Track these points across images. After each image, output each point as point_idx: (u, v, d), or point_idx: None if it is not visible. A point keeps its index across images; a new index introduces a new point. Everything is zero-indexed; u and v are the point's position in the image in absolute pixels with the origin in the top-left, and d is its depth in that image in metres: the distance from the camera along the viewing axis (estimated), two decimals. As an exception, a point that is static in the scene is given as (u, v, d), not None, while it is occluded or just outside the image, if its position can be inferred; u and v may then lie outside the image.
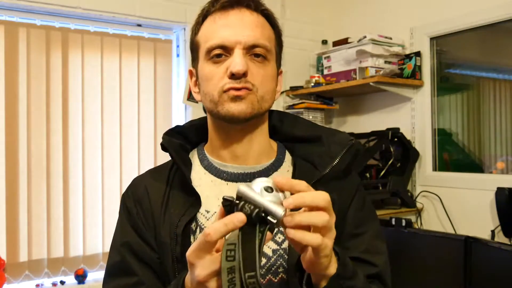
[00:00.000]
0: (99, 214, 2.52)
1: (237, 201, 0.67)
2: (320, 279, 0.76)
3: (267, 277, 0.88)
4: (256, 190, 0.67)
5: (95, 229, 2.51)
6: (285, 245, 0.89)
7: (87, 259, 2.48)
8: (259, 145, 0.95)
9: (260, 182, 0.68)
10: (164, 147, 0.96)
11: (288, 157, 1.00)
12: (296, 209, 0.68)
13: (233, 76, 0.86)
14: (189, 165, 0.97)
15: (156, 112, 2.72)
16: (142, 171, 1.07)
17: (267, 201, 0.66)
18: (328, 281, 0.76)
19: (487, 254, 1.84)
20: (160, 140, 0.99)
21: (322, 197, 0.69)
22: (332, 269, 0.76)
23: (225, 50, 0.88)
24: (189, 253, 0.70)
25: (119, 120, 2.60)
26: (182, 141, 1.00)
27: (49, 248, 2.39)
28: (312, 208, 0.69)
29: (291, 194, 0.69)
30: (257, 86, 0.88)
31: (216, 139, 0.96)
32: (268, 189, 0.67)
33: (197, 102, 2.73)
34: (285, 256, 0.88)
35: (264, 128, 0.97)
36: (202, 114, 1.03)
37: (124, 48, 2.62)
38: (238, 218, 0.65)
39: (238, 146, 0.94)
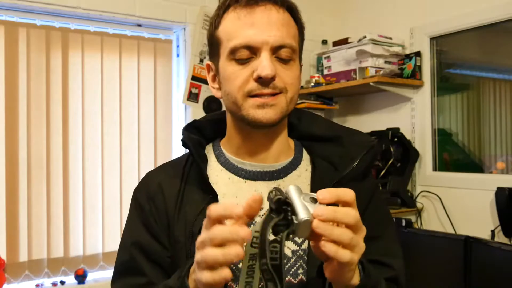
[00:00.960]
0: (99, 214, 2.52)
1: (278, 194, 0.66)
2: None
3: (287, 279, 0.86)
4: (302, 197, 0.66)
5: (95, 229, 2.51)
6: (305, 246, 0.88)
7: (87, 259, 2.48)
8: (279, 144, 0.93)
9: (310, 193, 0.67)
10: (184, 143, 0.95)
11: (306, 156, 0.98)
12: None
13: (260, 80, 0.83)
14: (205, 161, 0.94)
15: (156, 112, 2.72)
16: (142, 171, 1.07)
17: (300, 203, 0.65)
18: None
19: (487, 254, 1.84)
20: (160, 140, 0.99)
21: (352, 214, 0.67)
22: (356, 279, 0.74)
23: (251, 51, 0.84)
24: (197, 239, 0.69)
25: (119, 120, 2.60)
26: (199, 136, 0.97)
27: (49, 248, 2.39)
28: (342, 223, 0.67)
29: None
30: (287, 88, 0.86)
31: (235, 137, 0.93)
32: (313, 200, 0.66)
33: (197, 102, 2.73)
34: (305, 257, 0.87)
35: (285, 127, 0.95)
36: (202, 114, 1.02)
37: (124, 48, 2.62)
38: (237, 210, 0.64)
39: (259, 146, 0.92)
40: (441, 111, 2.68)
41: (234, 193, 0.90)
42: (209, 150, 0.98)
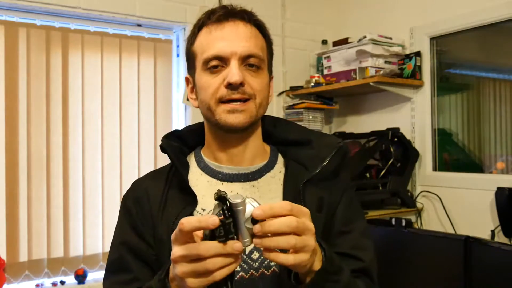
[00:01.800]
0: (99, 214, 2.52)
1: (224, 207, 0.72)
2: (306, 274, 0.80)
3: (260, 271, 0.93)
4: (247, 211, 0.72)
5: (95, 229, 2.51)
6: None
7: (87, 259, 2.48)
8: (254, 148, 1.01)
9: (252, 207, 0.72)
10: (163, 149, 1.02)
11: (280, 159, 1.06)
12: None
13: (230, 86, 0.92)
14: (186, 167, 1.02)
15: (156, 112, 2.72)
16: (142, 171, 1.11)
17: (244, 227, 0.72)
18: (314, 275, 0.79)
19: (487, 254, 1.84)
20: (160, 139, 1.04)
21: (287, 222, 0.72)
22: (317, 264, 0.79)
23: (222, 61, 0.93)
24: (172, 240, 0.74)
25: (119, 120, 2.60)
26: (180, 144, 1.06)
27: (49, 248, 2.39)
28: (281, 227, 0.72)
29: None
30: (255, 94, 0.94)
31: (212, 143, 1.02)
32: (253, 221, 0.72)
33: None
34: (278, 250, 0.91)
35: (258, 132, 1.03)
36: (202, 115, 1.04)
37: (124, 48, 2.62)
38: (212, 221, 0.69)
39: (234, 150, 1.00)
40: (441, 111, 2.68)
41: (212, 194, 0.95)
42: (191, 157, 1.06)
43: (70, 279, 2.44)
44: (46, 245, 2.38)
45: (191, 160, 1.05)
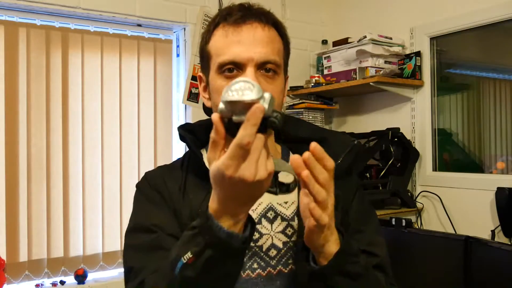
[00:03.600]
0: (99, 214, 2.52)
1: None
2: (324, 258, 0.81)
3: (278, 268, 0.93)
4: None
5: (95, 229, 2.51)
6: (295, 237, 0.95)
7: (87, 259, 2.48)
8: (273, 147, 1.01)
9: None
10: (182, 138, 1.02)
11: (290, 156, 1.03)
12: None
13: None
14: (202, 157, 0.99)
15: (156, 112, 2.72)
16: (142, 171, 1.10)
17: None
18: (333, 256, 0.81)
19: (487, 254, 1.84)
20: (160, 140, 1.04)
21: (326, 175, 0.76)
22: (333, 247, 0.81)
23: (237, 66, 0.91)
24: (221, 169, 0.69)
25: (119, 120, 2.60)
26: (193, 137, 1.04)
27: (49, 248, 2.39)
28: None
29: None
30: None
31: (227, 143, 0.97)
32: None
33: (197, 102, 2.73)
34: (295, 248, 0.94)
35: (270, 134, 0.99)
36: (202, 114, 1.05)
37: (124, 48, 2.62)
38: (259, 109, 0.67)
39: None
40: (441, 111, 2.68)
41: None
42: (202, 153, 1.04)
43: (70, 279, 2.44)
44: (46, 245, 2.38)
45: (203, 156, 1.03)
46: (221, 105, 0.69)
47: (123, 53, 2.62)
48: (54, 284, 2.39)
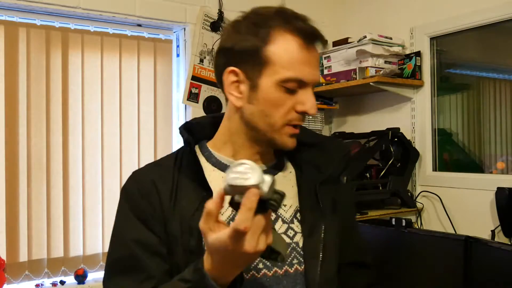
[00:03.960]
0: (99, 214, 2.52)
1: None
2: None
3: (284, 268, 0.95)
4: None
5: (95, 229, 2.51)
6: (296, 239, 0.98)
7: (87, 259, 2.48)
8: (270, 150, 1.04)
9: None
10: (187, 142, 1.00)
11: (287, 160, 1.08)
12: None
13: (303, 114, 0.94)
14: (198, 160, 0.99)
15: (156, 112, 2.72)
16: None
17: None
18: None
19: (487, 254, 1.84)
20: (160, 140, 1.06)
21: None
22: None
23: (299, 84, 0.92)
24: (222, 244, 0.74)
25: (119, 120, 2.60)
26: (189, 137, 1.01)
27: (49, 248, 2.39)
28: None
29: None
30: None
31: (242, 145, 0.99)
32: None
33: (197, 102, 2.73)
34: (298, 249, 0.97)
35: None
36: (202, 114, 1.05)
37: (124, 48, 2.62)
38: (254, 194, 0.72)
39: (256, 153, 1.00)
40: (441, 111, 2.68)
41: None
42: (197, 150, 1.03)
43: (70, 279, 2.44)
44: (46, 245, 2.38)
45: (199, 154, 1.02)
46: (226, 186, 0.75)
47: (123, 53, 2.62)
48: (54, 284, 2.39)
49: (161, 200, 0.94)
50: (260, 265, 0.93)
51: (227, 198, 0.77)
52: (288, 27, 0.91)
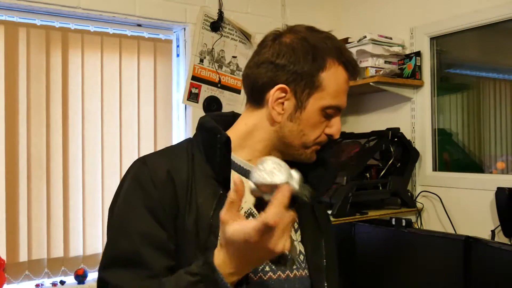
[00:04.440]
0: (99, 214, 2.52)
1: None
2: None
3: (286, 272, 0.98)
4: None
5: (95, 229, 2.51)
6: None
7: (87, 259, 2.48)
8: None
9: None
10: (214, 134, 0.98)
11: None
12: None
13: (330, 137, 1.01)
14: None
15: (156, 112, 2.72)
16: None
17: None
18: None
19: (487, 254, 1.84)
20: (160, 140, 1.06)
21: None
22: None
23: (336, 111, 1.00)
24: (246, 236, 0.74)
25: (119, 120, 2.60)
26: (221, 131, 0.98)
27: (49, 248, 2.39)
28: None
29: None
30: None
31: (258, 149, 1.01)
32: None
33: (197, 102, 2.73)
34: (300, 255, 1.02)
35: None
36: (203, 114, 1.05)
37: (124, 48, 2.62)
38: (287, 189, 0.75)
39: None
40: (441, 111, 2.68)
41: (246, 192, 0.94)
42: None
43: (70, 279, 2.44)
44: (46, 245, 2.38)
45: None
46: (252, 186, 0.75)
47: (123, 53, 2.62)
48: (54, 284, 2.39)
49: (177, 193, 0.91)
50: (267, 268, 0.95)
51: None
52: (341, 60, 1.00)
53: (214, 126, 0.97)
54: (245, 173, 0.97)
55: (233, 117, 1.08)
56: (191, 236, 0.89)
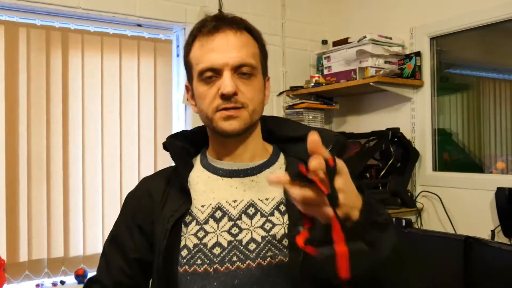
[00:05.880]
0: (99, 214, 2.52)
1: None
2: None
3: (257, 261, 0.95)
4: None
5: (95, 229, 2.51)
6: (274, 231, 0.98)
7: (87, 259, 2.48)
8: (253, 148, 1.05)
9: None
10: (165, 147, 1.08)
11: (281, 157, 1.09)
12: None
13: (224, 97, 0.96)
14: (189, 166, 1.07)
15: (156, 112, 2.72)
16: (142, 171, 1.16)
17: None
18: (362, 207, 0.76)
19: (487, 254, 1.84)
20: (160, 140, 1.07)
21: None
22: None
23: (215, 72, 0.98)
24: None
25: (119, 120, 2.60)
26: (186, 144, 1.10)
27: (49, 248, 2.39)
28: None
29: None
30: (248, 102, 0.98)
31: (214, 144, 1.07)
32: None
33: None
34: (274, 241, 0.97)
35: (256, 133, 1.06)
36: (202, 121, 1.07)
37: (124, 48, 2.62)
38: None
39: (234, 151, 1.04)
40: (441, 111, 2.68)
41: (211, 189, 1.03)
42: (197, 157, 1.12)
43: (70, 279, 2.44)
44: (46, 245, 2.38)
45: (197, 159, 1.10)
46: None
47: (123, 53, 2.62)
48: (54, 284, 2.39)
49: (152, 204, 1.04)
50: (234, 258, 0.95)
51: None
52: (198, 33, 1.03)
53: (168, 143, 1.09)
54: (214, 171, 1.05)
55: None
56: (157, 239, 1.00)
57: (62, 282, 2.41)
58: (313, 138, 0.73)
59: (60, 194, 2.43)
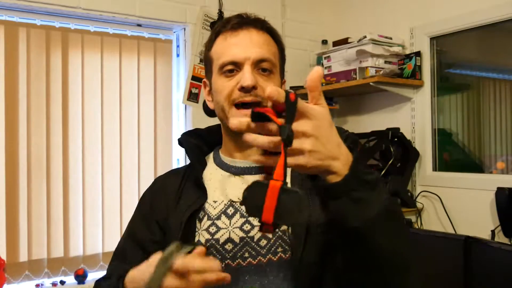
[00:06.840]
0: (99, 214, 2.52)
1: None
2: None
3: (267, 257, 0.96)
4: None
5: (95, 229, 2.51)
6: (284, 227, 0.98)
7: (87, 259, 2.48)
8: None
9: None
10: (180, 143, 1.12)
11: None
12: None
13: (243, 89, 0.98)
14: (203, 164, 1.10)
15: (156, 112, 2.72)
16: (142, 171, 1.17)
17: None
18: (351, 164, 0.75)
19: (487, 254, 1.84)
20: (160, 140, 1.08)
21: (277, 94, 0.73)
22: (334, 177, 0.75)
23: (236, 66, 1.00)
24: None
25: (119, 120, 2.60)
26: (199, 142, 1.13)
27: (49, 248, 2.39)
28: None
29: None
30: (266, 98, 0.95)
31: (228, 142, 1.08)
32: None
33: (197, 102, 2.73)
34: (284, 237, 0.97)
35: None
36: (202, 114, 1.07)
37: (124, 48, 2.62)
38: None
39: (246, 147, 1.05)
40: (441, 111, 2.68)
41: (224, 186, 1.05)
42: (209, 155, 1.14)
43: (70, 279, 2.44)
44: (46, 245, 2.38)
45: (209, 157, 1.13)
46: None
47: (123, 53, 2.62)
48: (54, 284, 2.39)
49: (167, 199, 1.06)
50: (246, 254, 0.96)
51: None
52: (222, 29, 1.05)
53: (183, 139, 1.12)
54: (227, 168, 1.07)
55: None
56: (172, 232, 1.02)
57: (62, 282, 2.41)
58: (315, 75, 0.74)
59: (60, 194, 2.43)
